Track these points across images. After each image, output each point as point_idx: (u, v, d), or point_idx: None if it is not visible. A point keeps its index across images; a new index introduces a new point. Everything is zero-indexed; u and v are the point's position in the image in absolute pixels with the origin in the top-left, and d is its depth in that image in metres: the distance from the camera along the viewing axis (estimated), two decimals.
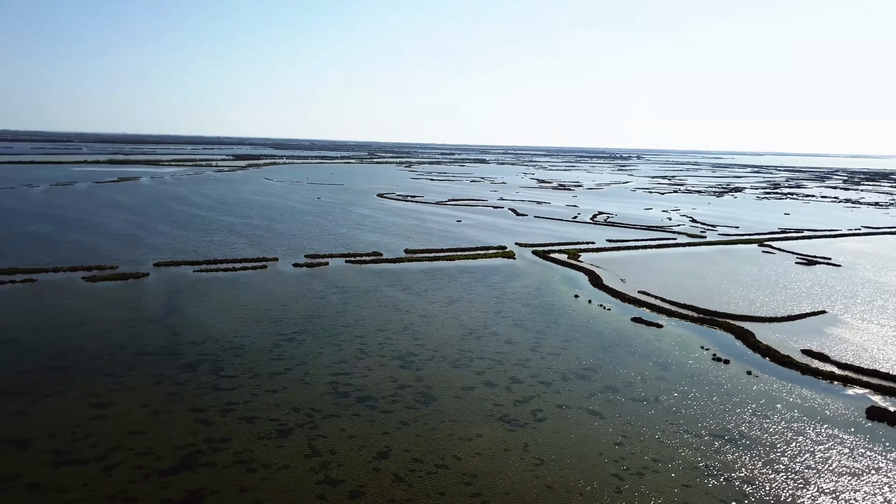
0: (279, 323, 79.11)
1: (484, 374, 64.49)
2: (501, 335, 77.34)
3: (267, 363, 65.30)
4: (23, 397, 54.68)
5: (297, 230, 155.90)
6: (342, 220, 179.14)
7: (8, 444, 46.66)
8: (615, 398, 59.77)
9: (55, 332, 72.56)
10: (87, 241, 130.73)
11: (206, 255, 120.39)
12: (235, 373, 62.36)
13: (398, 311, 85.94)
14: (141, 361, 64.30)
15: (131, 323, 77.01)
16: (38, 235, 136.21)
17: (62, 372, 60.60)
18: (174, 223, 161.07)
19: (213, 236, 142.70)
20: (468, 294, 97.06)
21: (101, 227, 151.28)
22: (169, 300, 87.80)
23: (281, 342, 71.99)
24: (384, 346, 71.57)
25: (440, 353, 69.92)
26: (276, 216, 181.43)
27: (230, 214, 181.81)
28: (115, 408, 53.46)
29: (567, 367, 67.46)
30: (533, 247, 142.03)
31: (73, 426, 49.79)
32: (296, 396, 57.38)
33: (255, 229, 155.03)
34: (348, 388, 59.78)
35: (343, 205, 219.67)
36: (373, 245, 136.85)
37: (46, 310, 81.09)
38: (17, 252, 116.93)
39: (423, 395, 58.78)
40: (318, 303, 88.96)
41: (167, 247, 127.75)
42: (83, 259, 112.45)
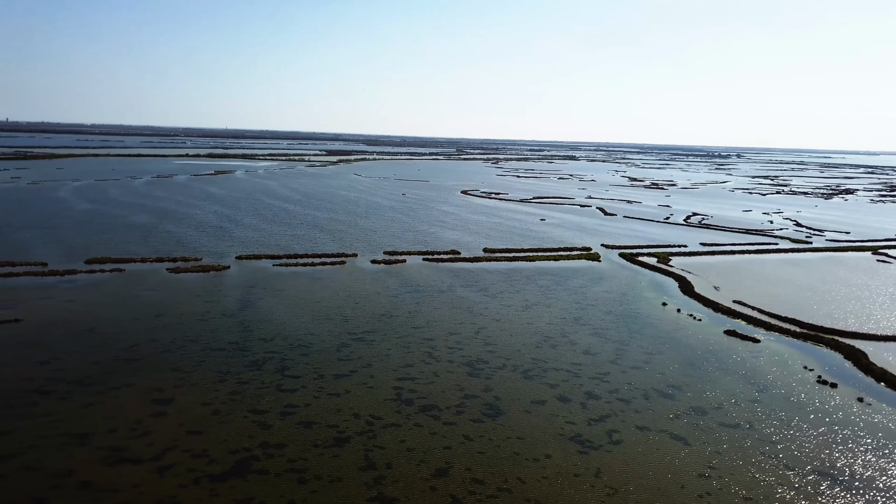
0: (350, 321, 77.48)
1: (558, 387, 60.14)
2: (579, 345, 72.54)
3: (333, 364, 63.52)
4: (91, 389, 55.03)
5: (378, 226, 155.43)
6: (424, 216, 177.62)
7: (70, 438, 46.61)
8: (703, 422, 54.05)
9: (132, 323, 73.73)
10: (177, 233, 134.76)
11: (287, 249, 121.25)
12: (300, 373, 60.86)
13: (471, 314, 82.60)
14: (209, 357, 63.96)
15: (206, 316, 77.37)
16: (135, 226, 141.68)
17: (132, 364, 60.93)
18: (261, 216, 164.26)
19: (297, 230, 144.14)
20: (546, 298, 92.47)
21: (192, 218, 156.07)
22: (245, 294, 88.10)
23: (350, 342, 70.18)
24: (453, 351, 68.40)
25: (512, 362, 66.05)
26: (360, 212, 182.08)
27: (316, 209, 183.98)
28: (177, 404, 52.86)
29: (650, 383, 62.04)
30: (620, 249, 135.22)
31: (134, 422, 49.37)
32: (358, 401, 55.11)
33: (338, 224, 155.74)
34: (412, 394, 56.98)
35: (426, 201, 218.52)
36: (452, 243, 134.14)
37: (128, 300, 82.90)
38: (113, 242, 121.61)
39: (491, 407, 55.15)
40: (391, 302, 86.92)
41: (251, 240, 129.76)
42: (170, 250, 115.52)
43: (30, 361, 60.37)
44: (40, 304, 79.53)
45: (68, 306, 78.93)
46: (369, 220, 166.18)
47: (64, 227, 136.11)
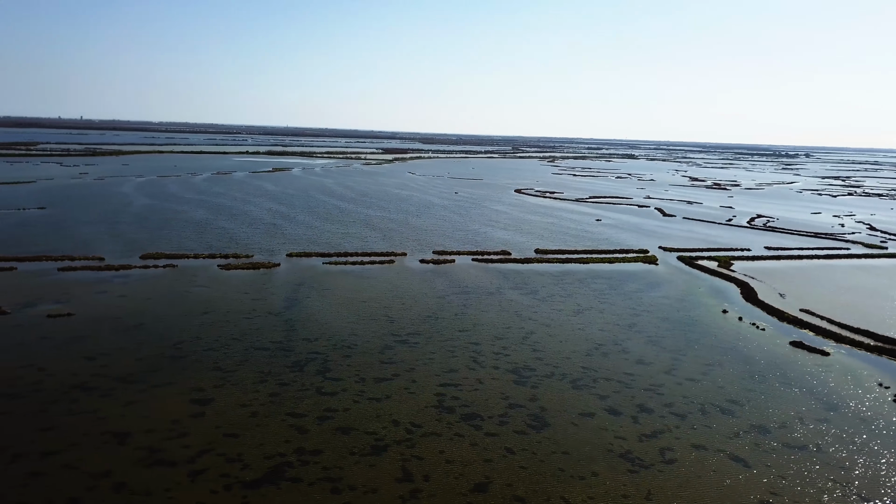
0: (395, 323, 76.01)
1: (608, 398, 57.10)
2: (633, 353, 69.11)
3: (375, 367, 62.06)
4: (134, 387, 55.00)
5: (430, 225, 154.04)
6: (476, 215, 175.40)
7: (109, 437, 46.39)
8: (765, 442, 50.22)
9: (179, 319, 74.05)
10: (231, 229, 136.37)
11: (338, 247, 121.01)
12: (341, 375, 59.61)
13: (519, 318, 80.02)
14: (252, 356, 63.41)
15: (252, 314, 77.17)
16: (191, 222, 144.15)
17: (176, 362, 60.85)
18: (314, 214, 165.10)
19: (349, 228, 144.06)
20: (599, 302, 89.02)
21: (247, 215, 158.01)
22: (293, 292, 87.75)
23: (393, 344, 68.66)
24: (499, 357, 66.04)
25: (560, 370, 63.25)
26: (413, 210, 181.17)
27: (368, 207, 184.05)
28: (216, 405, 52.23)
29: (707, 397, 58.32)
30: (679, 251, 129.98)
31: (172, 422, 48.90)
32: (398, 407, 53.43)
33: (389, 223, 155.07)
34: (455, 402, 54.94)
35: (479, 200, 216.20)
36: (503, 243, 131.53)
37: (177, 296, 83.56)
38: (169, 237, 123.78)
39: (536, 418, 52.62)
40: (437, 303, 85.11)
41: (303, 237, 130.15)
42: (223, 246, 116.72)
43: (76, 357, 60.98)
44: (93, 298, 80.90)
45: (119, 301, 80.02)
46: (421, 218, 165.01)
47: (124, 222, 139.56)
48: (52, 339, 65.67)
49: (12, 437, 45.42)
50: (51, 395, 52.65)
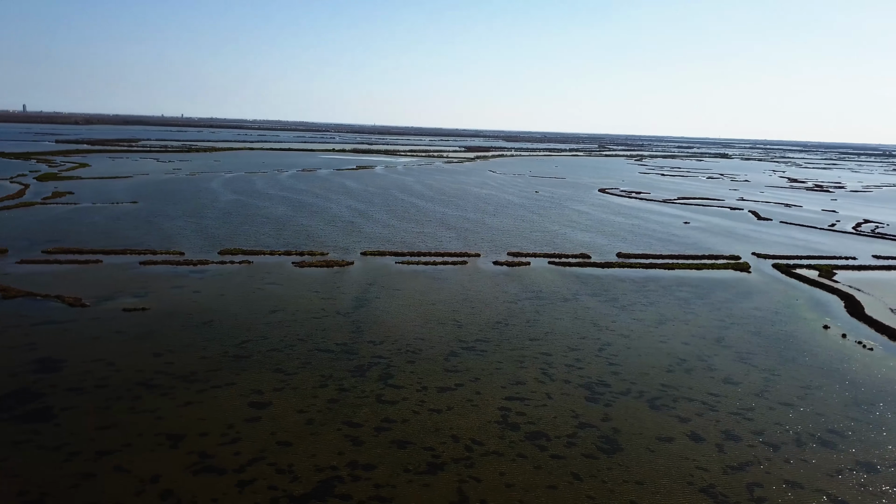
0: (463, 328, 73.08)
1: (690, 421, 52.06)
2: (719, 371, 63.35)
3: (439, 375, 59.33)
4: (195, 386, 54.49)
5: (507, 225, 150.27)
6: (556, 216, 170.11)
7: (163, 439, 45.68)
8: (873, 483, 44.08)
9: (248, 317, 73.82)
10: (310, 226, 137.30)
11: (412, 246, 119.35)
12: (403, 383, 57.21)
13: (596, 327, 75.34)
14: (315, 358, 62.00)
15: (320, 314, 76.13)
16: (272, 218, 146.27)
17: (239, 362, 60.16)
18: (392, 212, 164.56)
19: (425, 227, 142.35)
20: (684, 313, 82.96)
21: (326, 212, 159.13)
22: (363, 292, 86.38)
23: (460, 350, 65.74)
24: (572, 370, 61.88)
25: (638, 387, 58.49)
26: (490, 209, 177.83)
27: (446, 206, 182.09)
28: (273, 410, 50.85)
29: (805, 425, 52.25)
30: (774, 259, 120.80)
31: (227, 427, 47.78)
32: (459, 421, 50.44)
33: (465, 222, 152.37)
34: (520, 418, 51.42)
35: (560, 199, 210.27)
36: (582, 245, 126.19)
37: (249, 293, 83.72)
38: (249, 233, 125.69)
39: (608, 440, 48.37)
40: (508, 308, 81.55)
41: (378, 235, 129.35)
42: (300, 243, 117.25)
43: (145, 353, 61.33)
44: (169, 293, 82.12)
45: (193, 297, 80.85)
46: (497, 218, 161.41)
47: (208, 217, 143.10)
48: (125, 333, 66.57)
49: (72, 434, 45.42)
50: (115, 391, 52.78)
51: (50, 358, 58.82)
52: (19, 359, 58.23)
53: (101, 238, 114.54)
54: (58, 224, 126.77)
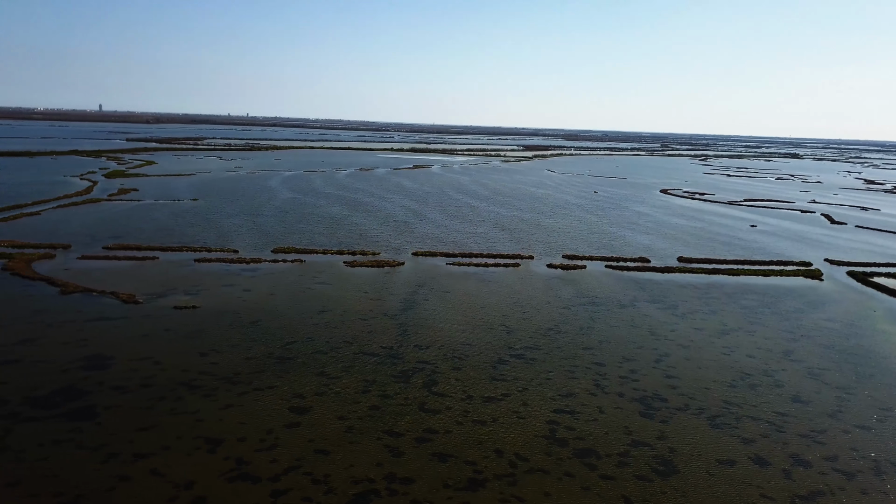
0: (512, 334, 70.60)
1: (754, 443, 48.28)
2: (787, 387, 58.98)
3: (485, 383, 57.10)
4: (237, 388, 53.85)
5: (563, 226, 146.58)
6: (614, 217, 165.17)
7: (202, 442, 44.97)
8: None
9: (296, 317, 73.25)
10: (363, 225, 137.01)
11: (463, 247, 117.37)
12: (448, 391, 55.24)
13: (653, 336, 71.64)
14: (359, 362, 60.70)
15: (367, 315, 74.96)
16: (326, 217, 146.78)
17: (283, 364, 59.36)
18: (445, 212, 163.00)
19: (477, 228, 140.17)
20: (750, 323, 78.23)
21: (380, 211, 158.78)
22: (412, 294, 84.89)
23: (508, 358, 63.34)
24: (626, 382, 58.65)
25: (697, 403, 54.87)
26: (546, 210, 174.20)
27: (500, 206, 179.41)
28: (313, 415, 49.64)
29: (884, 451, 47.76)
30: (849, 266, 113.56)
31: (266, 432, 46.77)
32: (504, 434, 48.11)
33: (520, 223, 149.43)
34: (569, 433, 48.70)
35: (619, 200, 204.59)
36: (642, 249, 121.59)
37: (299, 293, 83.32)
38: (303, 232, 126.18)
39: (663, 461, 45.18)
40: (561, 314, 78.57)
41: (430, 236, 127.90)
42: (352, 243, 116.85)
43: (191, 352, 61.25)
44: (220, 291, 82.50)
45: (243, 296, 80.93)
46: (554, 218, 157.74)
47: (264, 215, 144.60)
48: (174, 331, 66.82)
49: (112, 435, 45.23)
50: (159, 391, 52.62)
51: (99, 355, 59.34)
52: (70, 355, 58.94)
53: (160, 235, 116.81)
54: (120, 220, 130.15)
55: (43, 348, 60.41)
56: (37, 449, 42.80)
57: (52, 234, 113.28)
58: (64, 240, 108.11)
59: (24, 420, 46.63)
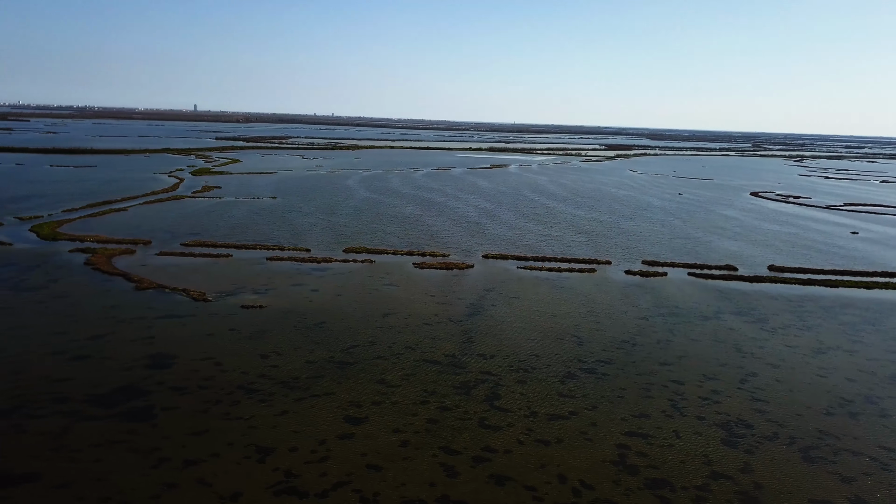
0: (584, 345, 66.58)
1: (854, 482, 42.77)
2: (894, 418, 52.53)
3: (551, 399, 53.60)
4: (294, 394, 52.54)
5: (644, 229, 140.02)
6: (700, 221, 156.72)
7: (253, 451, 43.68)
8: None
9: (360, 320, 71.79)
10: (435, 226, 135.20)
11: (537, 250, 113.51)
12: (511, 406, 52.10)
13: (739, 353, 65.96)
14: (420, 370, 58.40)
15: (432, 320, 72.68)
16: (400, 217, 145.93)
17: (343, 369, 57.76)
18: (520, 213, 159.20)
19: (552, 230, 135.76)
20: (850, 341, 71.09)
21: (454, 212, 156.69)
22: (480, 298, 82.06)
23: (578, 372, 59.51)
24: (706, 404, 53.75)
25: (788, 431, 49.48)
26: (626, 212, 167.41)
27: (578, 207, 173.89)
28: (368, 427, 47.60)
29: None
30: None
31: (318, 443, 45.05)
32: (569, 457, 44.55)
33: (597, 225, 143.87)
34: (641, 459, 44.62)
35: (706, 203, 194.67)
36: (729, 256, 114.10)
37: (365, 294, 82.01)
38: (375, 231, 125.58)
39: (746, 498, 40.48)
40: (638, 325, 73.79)
41: (503, 237, 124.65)
42: (423, 243, 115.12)
43: (252, 353, 60.62)
44: (288, 290, 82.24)
45: (311, 296, 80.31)
46: (634, 222, 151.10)
47: (339, 214, 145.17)
48: (239, 332, 66.57)
49: (165, 438, 44.61)
50: (216, 393, 51.97)
51: (163, 353, 59.53)
52: (136, 353, 59.39)
53: (236, 232, 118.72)
54: (200, 217, 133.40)
55: (111, 344, 61.23)
56: (91, 450, 42.61)
57: (136, 229, 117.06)
58: (146, 235, 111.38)
59: (84, 419, 46.76)
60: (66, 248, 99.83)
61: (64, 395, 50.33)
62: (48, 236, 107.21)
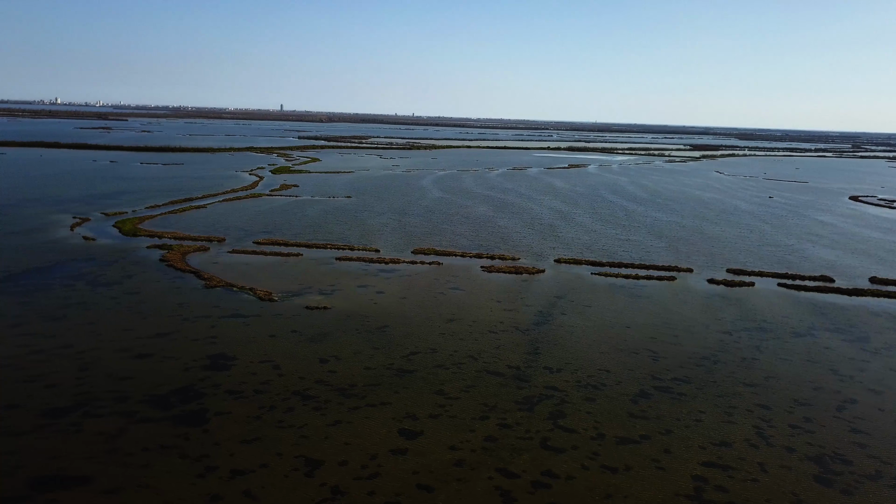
0: (659, 361, 62.00)
1: None
2: None
3: (621, 420, 49.67)
4: (349, 402, 50.75)
5: (729, 235, 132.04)
6: (792, 227, 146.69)
7: (301, 463, 42.03)
8: None
9: (423, 324, 69.63)
10: (507, 227, 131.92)
11: (612, 255, 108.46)
12: (576, 425, 48.54)
13: (835, 376, 59.73)
14: (481, 382, 55.59)
15: (497, 328, 69.70)
16: (471, 217, 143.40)
17: (401, 378, 55.67)
18: (597, 215, 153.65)
19: (631, 234, 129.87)
20: None
21: (527, 213, 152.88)
22: (549, 306, 78.44)
23: (652, 391, 55.19)
24: (797, 433, 48.45)
25: (892, 470, 43.74)
26: (711, 216, 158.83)
27: (659, 210, 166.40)
28: (422, 442, 45.17)
29: None
30: None
31: (369, 457, 42.97)
32: (638, 488, 40.68)
33: (679, 230, 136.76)
34: (720, 495, 40.21)
35: (799, 207, 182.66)
36: (824, 266, 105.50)
37: (430, 298, 79.86)
38: (447, 232, 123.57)
39: None
40: (720, 340, 68.36)
41: (577, 241, 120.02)
42: (493, 246, 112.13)
43: (312, 357, 59.39)
44: (354, 292, 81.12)
45: (375, 298, 78.85)
46: (719, 226, 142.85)
47: (411, 214, 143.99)
48: (300, 333, 65.66)
49: (216, 445, 43.60)
50: (271, 399, 50.83)
51: (223, 355, 59.12)
52: (197, 353, 59.26)
53: (308, 231, 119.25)
54: (275, 215, 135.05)
55: (174, 343, 61.43)
56: (142, 454, 42.02)
57: (212, 226, 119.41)
58: (221, 233, 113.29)
59: (139, 420, 46.45)
60: (144, 244, 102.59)
61: (124, 394, 50.38)
62: (129, 232, 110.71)
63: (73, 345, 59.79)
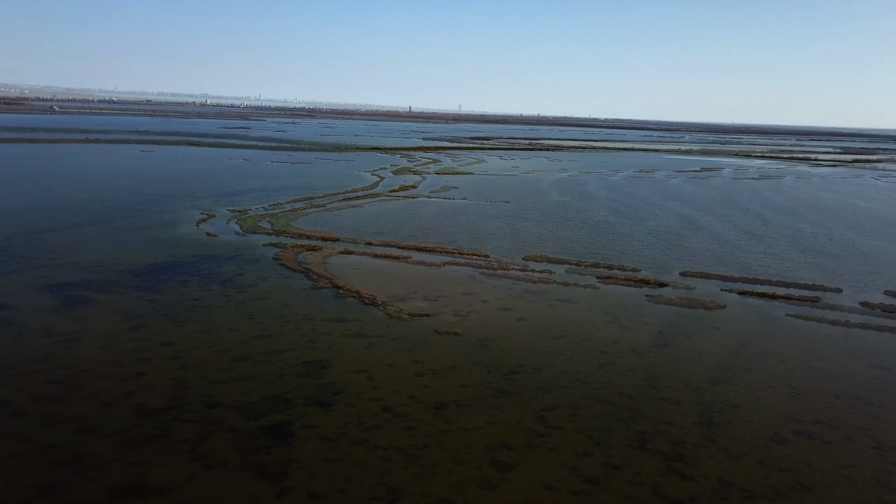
0: (798, 398, 53.72)
1: None
2: None
3: (750, 467, 42.70)
4: (440, 423, 47.09)
5: (890, 252, 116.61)
6: None
7: (381, 492, 38.90)
8: None
9: (529, 340, 64.90)
10: (627, 235, 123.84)
11: (747, 270, 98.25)
12: (695, 472, 42.21)
13: None
14: (588, 410, 50.23)
15: (610, 349, 63.73)
16: (589, 223, 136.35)
17: (499, 398, 51.40)
18: (731, 224, 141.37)
19: (769, 247, 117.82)
20: None
21: (651, 219, 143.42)
22: (671, 325, 71.25)
23: (789, 434, 47.52)
24: None
25: None
26: (866, 228, 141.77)
27: (803, 220, 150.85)
28: (515, 478, 40.67)
29: None
30: None
31: (456, 490, 39.07)
32: None
33: (827, 243, 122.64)
34: None
35: None
36: None
37: (538, 310, 74.81)
38: (562, 238, 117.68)
39: None
40: (875, 377, 58.57)
41: (707, 253, 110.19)
42: (610, 255, 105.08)
43: (407, 369, 56.30)
44: (458, 299, 77.78)
45: (480, 308, 75.06)
46: (877, 240, 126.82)
47: (526, 219, 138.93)
48: (400, 342, 63.05)
49: (295, 463, 41.37)
50: (359, 414, 48.21)
51: (319, 361, 57.45)
52: (293, 358, 57.98)
53: (420, 233, 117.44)
54: (390, 217, 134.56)
55: (273, 346, 60.57)
56: (221, 468, 40.55)
57: (328, 225, 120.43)
58: (336, 232, 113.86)
59: (225, 429, 45.22)
60: (261, 241, 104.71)
61: (215, 399, 49.61)
62: (249, 229, 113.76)
63: (175, 343, 60.42)
